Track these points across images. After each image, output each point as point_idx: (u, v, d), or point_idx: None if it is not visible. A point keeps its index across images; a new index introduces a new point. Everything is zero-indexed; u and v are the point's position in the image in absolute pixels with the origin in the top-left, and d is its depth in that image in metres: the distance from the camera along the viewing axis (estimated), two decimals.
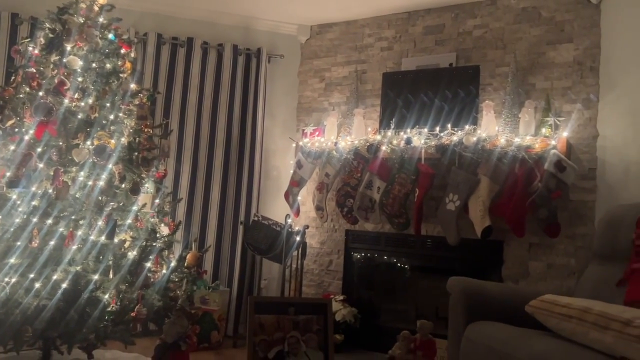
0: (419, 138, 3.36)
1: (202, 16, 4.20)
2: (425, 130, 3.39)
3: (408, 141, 3.36)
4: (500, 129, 3.23)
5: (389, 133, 3.51)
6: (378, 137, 3.56)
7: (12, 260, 2.43)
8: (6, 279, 2.41)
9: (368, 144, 3.57)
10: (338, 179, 3.79)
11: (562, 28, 3.34)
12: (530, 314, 2.09)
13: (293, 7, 4.04)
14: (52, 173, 2.58)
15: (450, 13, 3.74)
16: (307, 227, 3.78)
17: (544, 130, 3.17)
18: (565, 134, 3.12)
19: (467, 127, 3.27)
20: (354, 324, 3.55)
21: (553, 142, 3.04)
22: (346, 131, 3.85)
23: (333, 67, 4.22)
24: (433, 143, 3.33)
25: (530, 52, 3.42)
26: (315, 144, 3.83)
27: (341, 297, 3.69)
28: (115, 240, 2.68)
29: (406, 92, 3.66)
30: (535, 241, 3.23)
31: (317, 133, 3.95)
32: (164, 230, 3.02)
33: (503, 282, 3.25)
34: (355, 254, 3.91)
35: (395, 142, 3.45)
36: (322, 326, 1.63)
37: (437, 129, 3.34)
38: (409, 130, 3.46)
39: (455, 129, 3.29)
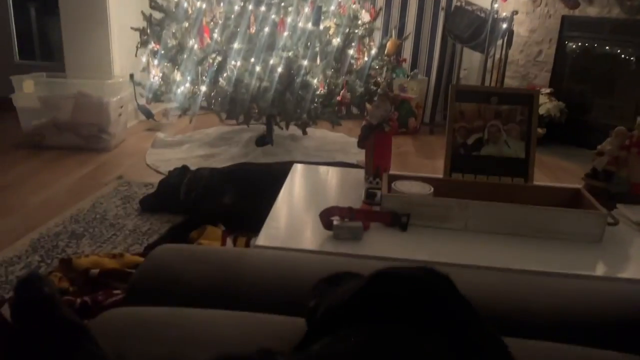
0: None
1: None
2: None
3: None
4: None
5: None
6: None
7: (236, 45, 2.72)
8: (233, 62, 2.75)
9: None
10: None
11: None
12: None
13: None
14: None
15: None
16: (515, 12, 3.42)
17: None
18: None
19: None
20: (558, 118, 3.35)
21: None
22: None
23: None
24: None
25: None
26: None
27: (547, 90, 3.44)
28: (321, 27, 2.79)
29: None
30: None
31: None
32: (365, 17, 3.03)
33: None
34: (571, 44, 3.49)
35: None
36: (526, 117, 1.56)
37: None
38: None
39: None
